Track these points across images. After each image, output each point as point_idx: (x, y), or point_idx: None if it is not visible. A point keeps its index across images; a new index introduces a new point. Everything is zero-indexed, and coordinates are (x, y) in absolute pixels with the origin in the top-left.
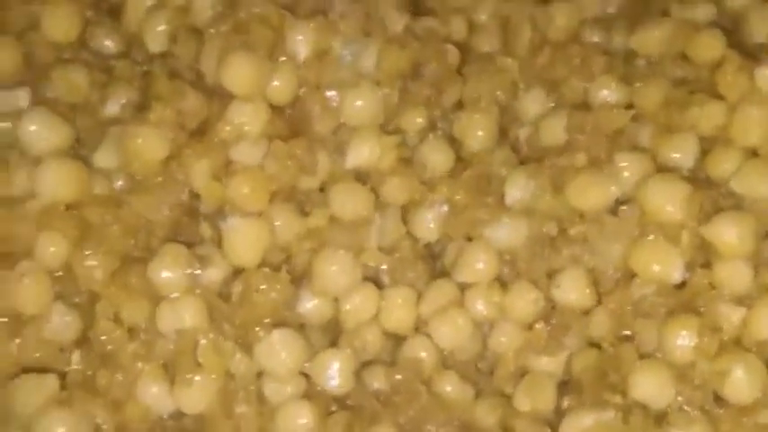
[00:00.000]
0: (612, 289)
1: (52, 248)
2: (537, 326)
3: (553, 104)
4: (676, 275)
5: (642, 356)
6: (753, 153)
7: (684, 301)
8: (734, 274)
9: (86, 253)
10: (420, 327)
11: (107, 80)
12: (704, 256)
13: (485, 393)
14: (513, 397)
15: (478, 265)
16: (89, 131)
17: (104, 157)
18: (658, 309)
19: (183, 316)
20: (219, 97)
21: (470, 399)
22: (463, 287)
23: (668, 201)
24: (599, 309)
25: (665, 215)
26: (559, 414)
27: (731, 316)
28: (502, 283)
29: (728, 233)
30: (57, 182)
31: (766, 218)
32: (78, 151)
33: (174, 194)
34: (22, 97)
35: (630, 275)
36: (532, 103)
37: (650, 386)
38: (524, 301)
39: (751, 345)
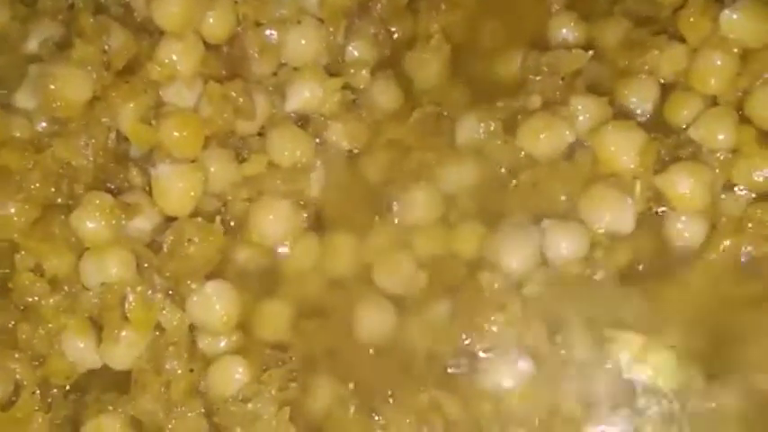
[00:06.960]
0: None
1: None
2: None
3: (508, 42)
4: (626, 227)
5: None
6: (713, 101)
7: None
8: (685, 228)
9: (4, 200)
10: (363, 271)
11: (29, 14)
12: (657, 207)
13: None
14: None
15: (424, 207)
16: (8, 69)
17: (24, 98)
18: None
19: (109, 268)
20: (149, 34)
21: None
22: (408, 230)
23: (623, 149)
24: None
25: (618, 163)
26: None
27: None
28: (448, 225)
29: (682, 184)
30: None
31: (724, 169)
32: None
33: (99, 138)
34: None
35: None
36: (486, 40)
37: None
38: (469, 243)
39: None
